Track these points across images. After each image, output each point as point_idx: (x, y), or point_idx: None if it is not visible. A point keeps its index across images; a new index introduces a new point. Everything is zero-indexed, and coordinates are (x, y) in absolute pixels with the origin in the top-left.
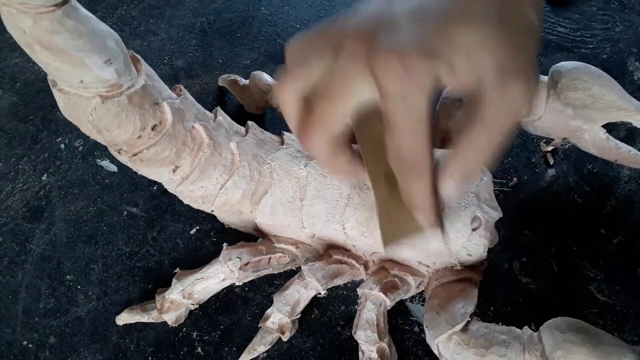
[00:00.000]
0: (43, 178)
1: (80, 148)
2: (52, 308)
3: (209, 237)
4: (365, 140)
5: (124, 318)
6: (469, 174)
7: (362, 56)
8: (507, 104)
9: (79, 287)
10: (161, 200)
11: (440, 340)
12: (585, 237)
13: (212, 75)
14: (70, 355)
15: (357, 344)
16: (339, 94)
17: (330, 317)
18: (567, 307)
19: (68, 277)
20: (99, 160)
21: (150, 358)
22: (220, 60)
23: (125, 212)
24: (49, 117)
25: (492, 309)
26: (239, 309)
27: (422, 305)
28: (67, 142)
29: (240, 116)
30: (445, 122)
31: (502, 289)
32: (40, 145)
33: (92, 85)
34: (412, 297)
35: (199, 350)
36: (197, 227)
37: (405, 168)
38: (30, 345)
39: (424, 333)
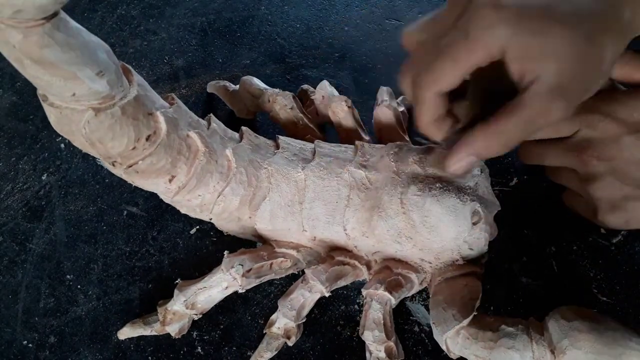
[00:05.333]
0: (43, 178)
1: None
2: (52, 308)
3: (209, 237)
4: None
5: (126, 332)
6: (475, 153)
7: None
8: (543, 115)
9: (79, 286)
10: (161, 200)
11: (448, 336)
12: (585, 237)
13: (212, 74)
14: (70, 355)
15: (356, 343)
16: (461, 58)
17: (330, 317)
18: None
19: (68, 276)
20: (99, 160)
21: (150, 358)
22: (220, 60)
23: (125, 212)
24: None
25: (492, 308)
26: (239, 308)
27: (422, 304)
28: (67, 141)
29: (231, 122)
30: None
31: (502, 289)
32: (40, 145)
33: (85, 98)
34: (412, 296)
35: (199, 350)
36: (197, 227)
37: (425, 73)
38: (30, 345)
39: (424, 333)
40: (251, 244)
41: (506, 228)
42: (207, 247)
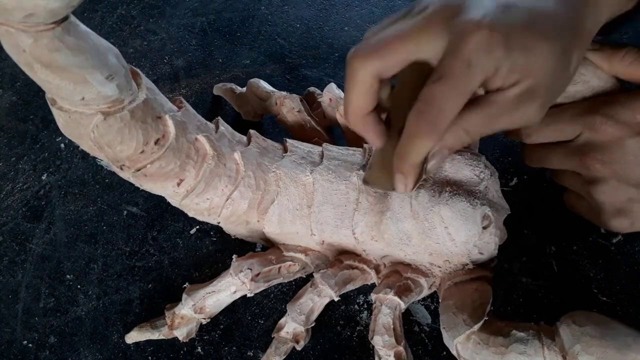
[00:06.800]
0: (43, 178)
1: (80, 148)
2: (52, 308)
3: (209, 236)
4: (403, 94)
5: (134, 336)
6: (445, 148)
7: (444, 15)
8: (513, 114)
9: (79, 286)
10: (161, 200)
11: (459, 341)
12: (585, 236)
13: (212, 74)
14: (70, 355)
15: (356, 343)
16: (409, 38)
17: (330, 317)
18: (567, 307)
19: (68, 276)
20: (99, 160)
21: (150, 358)
22: (220, 60)
23: (125, 212)
24: (49, 117)
25: (492, 309)
26: (239, 308)
27: (422, 305)
28: (67, 141)
29: (237, 124)
30: None
31: (502, 289)
32: (40, 145)
33: (94, 101)
34: None
35: (199, 349)
36: (197, 227)
37: (421, 123)
38: (30, 345)
39: (424, 333)
40: (251, 244)
41: (506, 228)
42: (207, 247)
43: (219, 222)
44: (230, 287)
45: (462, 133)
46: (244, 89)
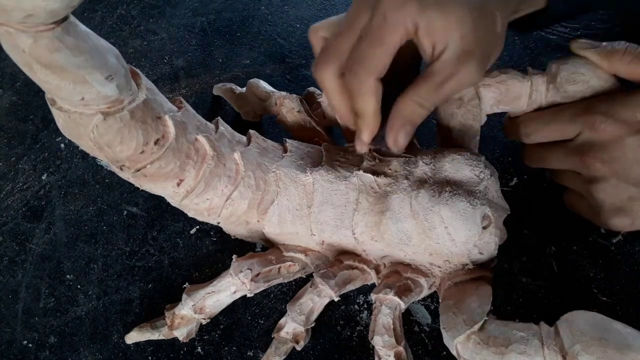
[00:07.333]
0: (43, 177)
1: (80, 147)
2: (52, 308)
3: (209, 236)
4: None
5: (134, 337)
6: (406, 122)
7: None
8: (454, 77)
9: (79, 286)
10: (161, 200)
11: (459, 341)
12: (585, 236)
13: (212, 74)
14: (70, 355)
15: (356, 343)
16: (386, 38)
17: (330, 317)
18: (567, 307)
19: (68, 276)
20: (99, 160)
21: (150, 358)
22: (220, 60)
23: (125, 212)
24: (49, 117)
25: (492, 309)
26: (239, 308)
27: (422, 304)
28: (67, 141)
29: (237, 124)
30: (447, 121)
31: (502, 289)
32: (40, 145)
33: (94, 102)
34: None
35: (199, 349)
36: (197, 227)
37: (352, 75)
38: (30, 345)
39: (424, 333)
40: (251, 244)
41: (506, 228)
42: (207, 247)
43: (219, 222)
44: (230, 287)
45: (416, 106)
46: (244, 89)
